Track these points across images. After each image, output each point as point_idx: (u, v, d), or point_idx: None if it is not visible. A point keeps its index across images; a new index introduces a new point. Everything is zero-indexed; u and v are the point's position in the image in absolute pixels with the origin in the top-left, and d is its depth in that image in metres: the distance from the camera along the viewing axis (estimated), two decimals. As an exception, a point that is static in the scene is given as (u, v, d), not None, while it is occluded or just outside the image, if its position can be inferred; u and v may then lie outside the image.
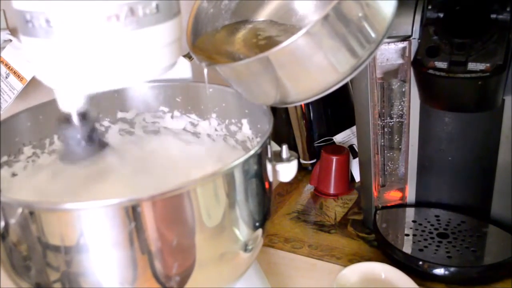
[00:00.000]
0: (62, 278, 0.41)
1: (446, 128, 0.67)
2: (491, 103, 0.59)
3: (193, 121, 0.61)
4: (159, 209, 0.39)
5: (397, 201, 0.73)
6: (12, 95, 0.70)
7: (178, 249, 0.41)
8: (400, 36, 0.60)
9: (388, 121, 0.67)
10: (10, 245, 0.41)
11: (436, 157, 0.69)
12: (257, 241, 0.48)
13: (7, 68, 0.70)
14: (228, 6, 0.52)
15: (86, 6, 0.35)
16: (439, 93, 0.61)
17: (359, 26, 0.41)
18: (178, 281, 0.42)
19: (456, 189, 0.70)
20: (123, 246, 0.39)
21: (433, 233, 0.67)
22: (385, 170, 0.71)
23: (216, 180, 0.41)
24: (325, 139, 0.90)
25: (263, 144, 0.45)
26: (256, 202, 0.46)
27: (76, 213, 0.38)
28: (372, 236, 0.73)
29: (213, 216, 0.42)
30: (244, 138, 0.57)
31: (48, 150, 0.57)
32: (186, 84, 0.60)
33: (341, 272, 0.60)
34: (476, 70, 0.55)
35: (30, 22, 0.37)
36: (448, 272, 0.62)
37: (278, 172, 0.49)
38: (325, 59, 0.41)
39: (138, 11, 0.37)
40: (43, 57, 0.39)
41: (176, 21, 0.41)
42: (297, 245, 0.73)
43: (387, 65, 0.63)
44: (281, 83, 0.44)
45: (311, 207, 0.82)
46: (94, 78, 0.39)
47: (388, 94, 0.66)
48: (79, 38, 0.37)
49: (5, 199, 0.38)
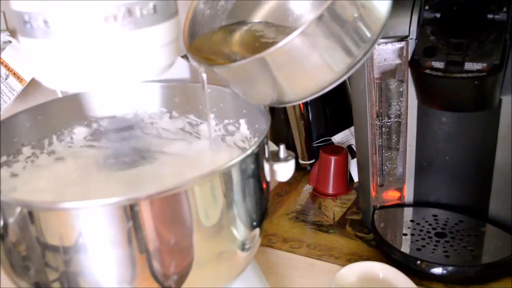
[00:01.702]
0: (61, 278, 0.41)
1: (444, 128, 0.67)
2: (488, 103, 0.59)
3: (191, 121, 0.61)
4: (157, 208, 0.39)
5: (395, 201, 0.73)
6: (12, 96, 0.70)
7: (176, 248, 0.41)
8: (398, 36, 0.61)
9: (386, 121, 0.68)
10: (9, 244, 0.41)
11: (434, 157, 0.69)
12: (254, 240, 0.48)
13: (7, 69, 0.71)
14: (225, 7, 0.52)
15: (83, 6, 0.36)
16: (436, 93, 0.61)
17: (354, 25, 0.41)
18: (176, 280, 0.42)
19: (453, 188, 0.70)
20: (121, 245, 0.39)
21: (431, 233, 0.68)
22: (383, 170, 0.71)
23: (214, 180, 0.41)
24: (324, 139, 0.91)
25: (261, 144, 0.45)
26: (253, 202, 0.46)
27: (74, 212, 0.38)
28: (370, 235, 0.73)
29: (211, 215, 0.42)
30: (242, 138, 0.57)
31: (47, 150, 0.57)
32: (184, 84, 0.60)
33: (339, 272, 0.60)
34: (473, 70, 0.55)
35: (28, 23, 0.37)
36: (446, 272, 0.62)
37: (276, 171, 0.49)
38: (320, 58, 0.41)
39: (136, 11, 0.37)
40: (42, 58, 0.39)
41: (173, 22, 0.42)
42: (295, 245, 0.73)
43: (384, 65, 0.63)
44: (277, 83, 0.44)
45: (309, 207, 0.82)
46: (92, 78, 0.39)
47: (386, 94, 0.66)
48: (77, 39, 0.37)
49: (3, 198, 0.38)
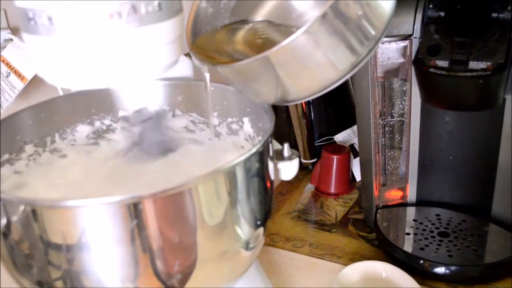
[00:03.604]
0: (64, 276, 0.41)
1: (447, 127, 0.67)
2: (492, 102, 0.59)
3: (194, 119, 0.61)
4: (161, 207, 0.39)
5: (398, 200, 0.73)
6: (13, 94, 0.70)
7: (179, 247, 0.41)
8: (401, 35, 0.61)
9: (389, 120, 0.67)
10: (12, 243, 0.41)
11: (437, 156, 0.69)
12: (258, 239, 0.48)
13: (8, 67, 0.70)
14: (227, 5, 0.52)
15: (88, 3, 0.36)
16: (440, 92, 0.61)
17: (358, 23, 0.41)
18: (180, 279, 0.42)
19: (457, 188, 0.70)
20: (125, 244, 0.39)
21: (434, 232, 0.67)
22: (386, 169, 0.71)
23: (218, 178, 0.41)
24: (326, 139, 0.90)
25: (265, 142, 0.45)
26: (257, 200, 0.46)
27: (78, 210, 0.38)
28: (373, 235, 0.73)
29: (215, 214, 0.42)
30: (246, 137, 0.57)
31: (50, 148, 0.57)
32: (188, 82, 0.60)
33: (342, 271, 0.60)
34: (477, 68, 0.55)
35: (32, 19, 0.37)
36: (449, 271, 0.62)
37: (280, 170, 0.48)
38: (324, 56, 0.41)
39: (140, 8, 0.37)
40: (45, 55, 0.39)
41: (178, 19, 0.41)
42: (298, 244, 0.73)
43: (388, 64, 0.63)
44: (281, 82, 0.44)
45: (312, 206, 0.82)
46: (96, 76, 0.39)
47: (389, 93, 0.66)
48: (81, 36, 0.37)
49: (6, 196, 0.38)
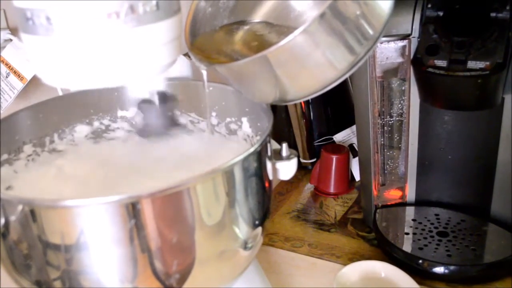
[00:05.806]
0: (62, 276, 0.41)
1: (446, 127, 0.67)
2: (491, 102, 0.59)
3: (193, 119, 0.61)
4: (159, 207, 0.39)
5: (397, 200, 0.73)
6: (13, 95, 0.70)
7: (177, 247, 0.41)
8: (400, 35, 0.61)
9: (388, 120, 0.67)
10: (10, 243, 0.41)
11: (436, 156, 0.69)
12: (256, 239, 0.48)
13: (8, 68, 0.70)
14: (226, 4, 0.52)
15: (86, 3, 0.35)
16: (438, 92, 0.61)
17: (356, 23, 0.41)
18: (178, 279, 0.42)
19: (456, 187, 0.70)
20: (123, 244, 0.39)
21: (433, 232, 0.67)
22: (385, 169, 0.71)
23: (216, 178, 0.41)
24: (325, 138, 0.90)
25: (263, 142, 0.45)
26: (256, 200, 0.46)
27: (76, 210, 0.38)
28: (372, 235, 0.73)
29: (213, 214, 0.42)
30: (244, 136, 0.57)
31: (49, 148, 0.57)
32: (186, 82, 0.60)
33: (341, 271, 0.60)
34: (475, 68, 0.55)
35: (30, 19, 0.37)
36: (448, 271, 0.62)
37: (278, 170, 0.48)
38: (323, 56, 0.41)
39: (138, 8, 0.37)
40: (44, 55, 0.39)
41: (176, 19, 0.41)
42: (297, 244, 0.73)
43: (387, 63, 0.63)
44: (280, 81, 0.44)
45: (311, 206, 0.82)
46: (94, 76, 0.39)
47: (388, 93, 0.66)
48: (80, 36, 0.37)
49: (5, 196, 0.38)
